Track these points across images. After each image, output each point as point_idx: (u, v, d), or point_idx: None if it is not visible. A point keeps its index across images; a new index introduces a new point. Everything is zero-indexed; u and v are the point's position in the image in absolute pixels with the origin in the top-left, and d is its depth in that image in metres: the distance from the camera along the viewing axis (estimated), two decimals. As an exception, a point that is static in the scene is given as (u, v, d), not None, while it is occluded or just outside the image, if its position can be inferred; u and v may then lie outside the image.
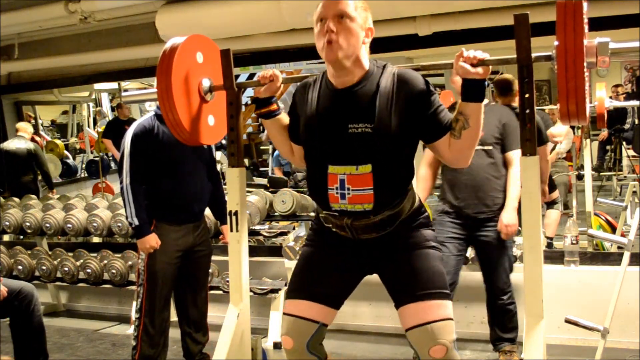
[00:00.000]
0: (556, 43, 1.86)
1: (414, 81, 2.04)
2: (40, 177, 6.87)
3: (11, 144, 6.53)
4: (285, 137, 2.30)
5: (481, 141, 3.21)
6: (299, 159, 2.30)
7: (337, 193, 2.06)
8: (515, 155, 3.26)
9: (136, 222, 3.20)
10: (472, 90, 1.98)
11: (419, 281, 2.07)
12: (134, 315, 3.49)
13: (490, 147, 3.30)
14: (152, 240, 3.22)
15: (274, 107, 2.25)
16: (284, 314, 2.20)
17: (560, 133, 4.87)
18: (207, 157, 3.49)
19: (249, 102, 10.81)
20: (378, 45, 2.65)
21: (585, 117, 1.91)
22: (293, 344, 2.14)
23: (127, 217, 3.25)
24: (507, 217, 3.23)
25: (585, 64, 1.85)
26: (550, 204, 5.01)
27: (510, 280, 3.41)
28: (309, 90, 2.18)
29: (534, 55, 2.01)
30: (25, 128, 6.70)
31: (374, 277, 2.46)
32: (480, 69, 1.95)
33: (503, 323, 3.46)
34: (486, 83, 2.02)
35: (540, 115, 4.98)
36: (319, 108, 2.11)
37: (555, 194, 5.09)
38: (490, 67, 1.99)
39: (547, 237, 4.83)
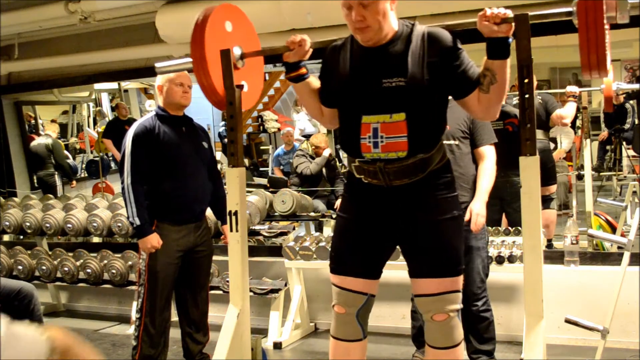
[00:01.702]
0: None
1: (444, 39, 2.13)
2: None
3: (35, 142, 7.25)
4: (315, 99, 2.37)
5: (446, 136, 3.05)
6: (327, 121, 2.42)
7: (369, 142, 2.14)
8: (487, 150, 3.14)
9: (137, 222, 3.20)
10: (498, 47, 2.05)
11: (435, 260, 2.20)
12: (134, 315, 3.49)
13: (456, 142, 3.13)
14: (154, 240, 3.22)
15: (303, 70, 2.32)
16: (334, 285, 2.32)
17: (568, 114, 4.71)
18: (208, 157, 3.49)
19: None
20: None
21: (606, 68, 1.95)
22: (345, 311, 2.29)
23: (128, 217, 3.25)
24: (477, 206, 3.02)
25: (605, 18, 1.90)
26: (545, 202, 4.77)
27: (486, 285, 3.25)
28: (339, 52, 2.26)
29: (555, 10, 2.05)
30: (52, 127, 7.62)
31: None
32: (504, 27, 2.00)
33: (479, 333, 3.23)
34: (510, 40, 2.05)
35: (546, 99, 4.80)
36: (353, 66, 2.20)
37: (553, 189, 4.93)
38: (513, 23, 2.01)
39: (547, 240, 4.77)
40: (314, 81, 2.37)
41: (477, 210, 3.04)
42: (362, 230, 2.28)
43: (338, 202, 5.97)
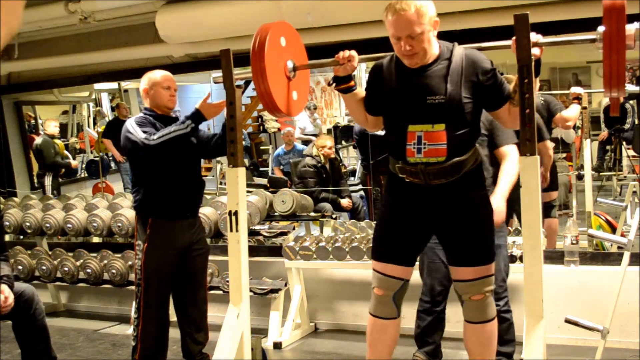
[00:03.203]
0: (602, 28, 2.10)
1: (480, 61, 2.40)
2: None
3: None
4: (361, 108, 2.63)
5: None
6: (371, 126, 2.70)
7: (414, 148, 2.42)
8: (510, 149, 3.13)
9: (190, 123, 3.12)
10: None
11: (472, 251, 2.49)
12: (133, 314, 3.49)
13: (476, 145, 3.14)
14: (205, 101, 3.14)
15: (352, 83, 2.57)
16: (374, 270, 2.61)
17: (571, 117, 4.70)
18: (198, 152, 3.46)
19: (250, 101, 10.81)
20: (380, 45, 2.70)
21: (624, 88, 2.16)
22: (384, 293, 2.59)
23: (184, 133, 3.11)
24: (496, 202, 2.92)
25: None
26: (547, 209, 4.65)
27: (507, 285, 3.24)
28: (385, 70, 2.53)
29: (580, 37, 2.27)
30: (46, 125, 7.55)
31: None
32: (536, 50, 2.21)
33: (499, 334, 3.06)
34: (540, 61, 2.26)
35: (548, 100, 4.73)
36: (400, 84, 2.46)
37: (554, 195, 4.94)
38: (544, 47, 2.24)
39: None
40: (360, 92, 2.62)
41: (494, 205, 2.92)
42: (402, 222, 2.55)
43: (346, 201, 6.03)
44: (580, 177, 5.83)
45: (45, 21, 5.40)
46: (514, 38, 2.21)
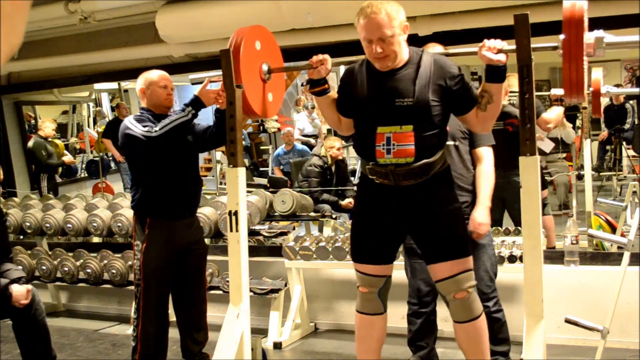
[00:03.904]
0: (563, 37, 2.14)
1: (448, 66, 2.48)
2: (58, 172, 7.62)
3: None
4: (334, 110, 2.69)
5: (450, 136, 3.01)
6: (345, 128, 2.73)
7: (383, 149, 2.48)
8: (485, 152, 3.11)
9: (191, 109, 3.12)
10: (495, 73, 2.37)
11: (444, 246, 2.54)
12: (133, 315, 3.49)
13: (456, 143, 3.10)
14: (203, 88, 3.14)
15: (325, 86, 2.65)
16: (356, 270, 2.69)
17: (551, 119, 4.75)
18: (195, 150, 3.46)
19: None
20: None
21: (583, 94, 2.22)
22: (369, 290, 2.67)
23: (186, 120, 3.12)
24: (480, 216, 2.97)
25: (585, 53, 2.13)
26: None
27: (495, 285, 3.19)
28: (356, 73, 2.60)
29: (541, 45, 2.29)
30: (42, 126, 7.40)
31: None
32: (501, 57, 2.30)
33: (492, 334, 3.00)
34: (506, 67, 2.34)
35: None
36: (370, 87, 2.54)
37: (545, 193, 4.90)
38: (508, 54, 2.31)
39: (549, 248, 4.63)
40: (334, 94, 2.67)
41: (479, 220, 2.99)
42: (374, 223, 2.61)
43: (346, 202, 6.04)
44: (580, 177, 5.83)
45: (45, 21, 5.39)
46: (480, 44, 2.31)
